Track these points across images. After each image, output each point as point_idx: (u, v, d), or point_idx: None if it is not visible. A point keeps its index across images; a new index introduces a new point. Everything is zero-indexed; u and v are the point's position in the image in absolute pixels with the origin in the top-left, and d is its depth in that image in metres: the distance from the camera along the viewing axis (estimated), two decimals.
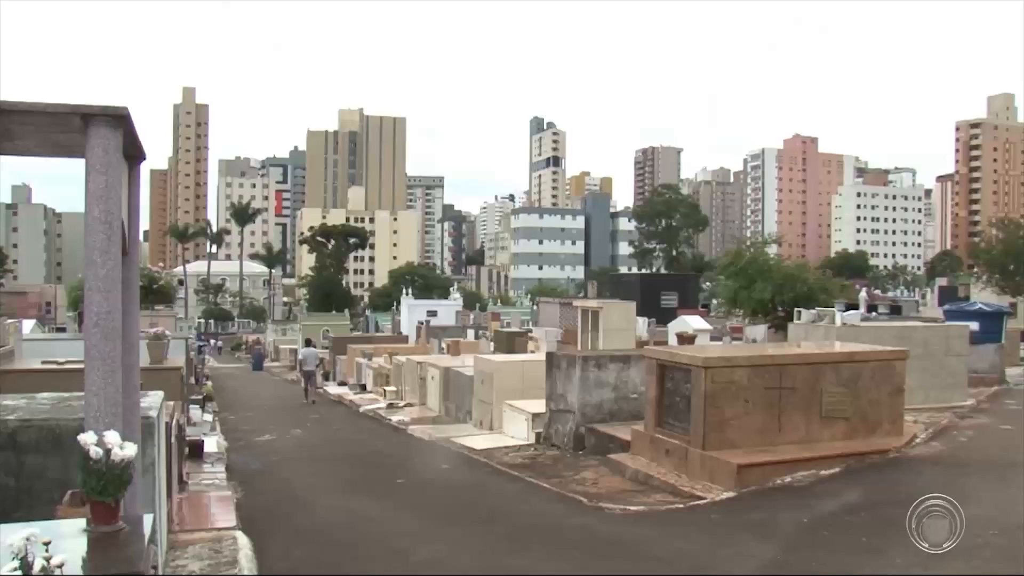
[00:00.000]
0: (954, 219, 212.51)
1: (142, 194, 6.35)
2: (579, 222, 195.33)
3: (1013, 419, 16.11)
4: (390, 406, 25.90)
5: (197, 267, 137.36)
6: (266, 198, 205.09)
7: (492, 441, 17.10)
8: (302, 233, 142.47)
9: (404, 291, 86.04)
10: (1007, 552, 7.79)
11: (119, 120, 4.89)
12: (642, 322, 37.03)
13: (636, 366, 15.40)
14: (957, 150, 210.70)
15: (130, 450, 4.13)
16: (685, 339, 24.55)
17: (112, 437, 4.12)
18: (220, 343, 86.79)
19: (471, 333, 43.83)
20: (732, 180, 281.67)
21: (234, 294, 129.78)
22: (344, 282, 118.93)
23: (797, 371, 11.98)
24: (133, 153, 5.49)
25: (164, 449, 7.83)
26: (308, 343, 39.16)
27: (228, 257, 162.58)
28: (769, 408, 11.63)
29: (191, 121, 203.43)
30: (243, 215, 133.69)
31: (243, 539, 8.70)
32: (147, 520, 4.43)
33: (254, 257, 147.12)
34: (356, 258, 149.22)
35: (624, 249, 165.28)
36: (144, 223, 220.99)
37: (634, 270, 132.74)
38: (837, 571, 7.52)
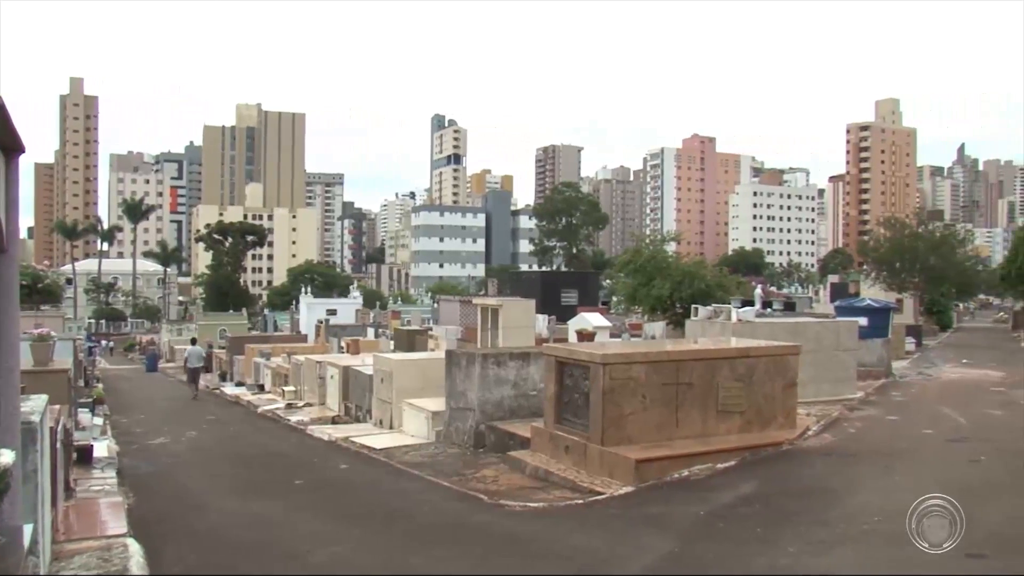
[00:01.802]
0: (845, 218, 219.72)
1: (25, 189, 6.09)
2: (480, 220, 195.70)
3: (899, 410, 16.71)
4: (289, 406, 25.52)
5: (87, 265, 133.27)
6: (160, 194, 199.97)
7: (392, 440, 16.98)
8: (198, 230, 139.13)
9: (303, 289, 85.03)
10: (891, 537, 8.05)
11: None
12: (542, 319, 37.29)
13: (536, 363, 15.48)
14: (848, 152, 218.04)
15: (7, 458, 3.96)
16: (585, 336, 24.71)
17: None
18: (112, 344, 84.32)
19: (371, 332, 43.49)
20: (632, 179, 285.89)
21: (127, 293, 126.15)
22: (242, 281, 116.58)
23: (694, 367, 12.17)
24: (10, 145, 5.25)
25: (48, 455, 7.53)
26: (193, 342, 39.54)
27: (120, 255, 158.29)
28: (667, 404, 11.79)
29: (79, 113, 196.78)
30: (136, 211, 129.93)
31: (134, 546, 8.43)
32: (27, 530, 4.26)
33: (148, 255, 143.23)
34: (254, 256, 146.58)
35: (525, 247, 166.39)
36: (28, 219, 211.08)
37: (535, 267, 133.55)
38: (733, 561, 7.65)
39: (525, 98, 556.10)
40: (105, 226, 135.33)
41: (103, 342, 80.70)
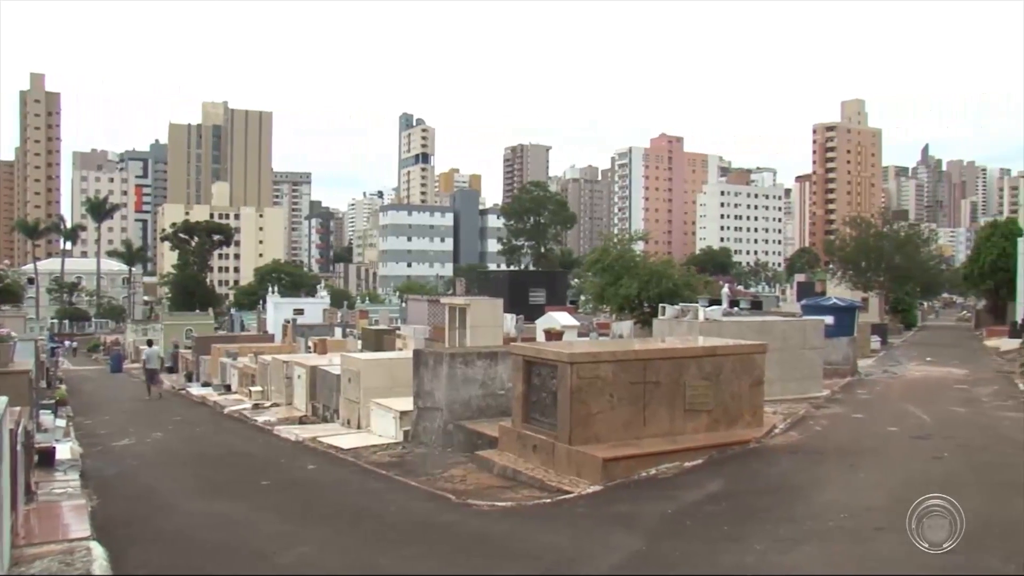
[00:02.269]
0: (812, 217, 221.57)
1: None
2: (448, 219, 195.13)
3: (864, 408, 16.87)
4: (256, 407, 25.35)
5: (50, 264, 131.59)
6: (125, 193, 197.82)
7: (360, 440, 16.90)
8: (163, 230, 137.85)
9: (270, 289, 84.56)
10: (855, 534, 8.12)
11: None
12: (510, 319, 37.32)
13: (503, 362, 15.44)
14: (814, 152, 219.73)
15: None
16: (553, 335, 24.73)
17: None
18: (75, 344, 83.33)
19: (338, 331, 43.36)
20: (600, 178, 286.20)
21: (91, 293, 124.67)
22: (208, 280, 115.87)
23: (661, 366, 12.19)
24: None
25: (8, 458, 7.41)
26: (150, 343, 40.29)
27: (84, 254, 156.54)
28: (634, 402, 11.80)
29: (40, 110, 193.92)
30: (99, 210, 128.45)
31: (98, 549, 8.30)
32: None
33: (112, 254, 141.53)
34: (220, 255, 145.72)
35: (493, 246, 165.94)
36: None
37: (503, 267, 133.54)
38: (700, 559, 7.67)
39: (494, 97, 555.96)
40: (68, 225, 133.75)
41: (66, 342, 79.74)
